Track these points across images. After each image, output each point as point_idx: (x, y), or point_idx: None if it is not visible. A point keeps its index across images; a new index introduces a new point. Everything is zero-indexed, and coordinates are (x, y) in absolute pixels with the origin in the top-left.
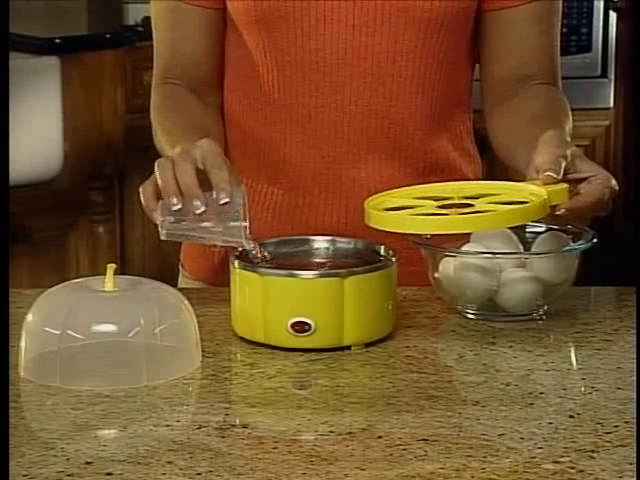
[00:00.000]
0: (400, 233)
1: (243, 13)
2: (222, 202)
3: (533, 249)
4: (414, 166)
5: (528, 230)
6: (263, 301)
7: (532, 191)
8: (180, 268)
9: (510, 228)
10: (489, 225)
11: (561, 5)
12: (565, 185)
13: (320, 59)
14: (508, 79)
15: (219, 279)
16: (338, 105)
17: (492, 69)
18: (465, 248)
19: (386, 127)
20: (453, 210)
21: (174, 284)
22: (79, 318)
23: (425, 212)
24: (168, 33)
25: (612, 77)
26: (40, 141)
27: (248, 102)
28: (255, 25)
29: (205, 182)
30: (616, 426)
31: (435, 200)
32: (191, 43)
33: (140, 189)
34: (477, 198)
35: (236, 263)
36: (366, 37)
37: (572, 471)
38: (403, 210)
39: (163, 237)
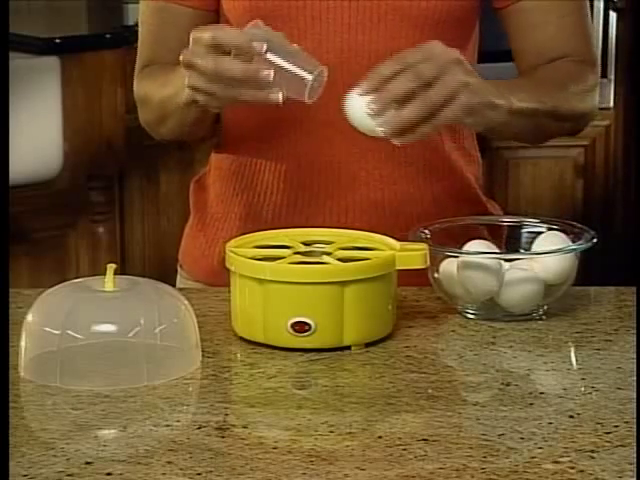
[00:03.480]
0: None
1: (239, 13)
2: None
3: (533, 249)
4: (414, 165)
5: (528, 230)
6: (263, 301)
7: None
8: (178, 269)
9: (507, 228)
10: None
11: None
12: (423, 251)
13: (317, 58)
14: (537, 66)
15: (218, 280)
16: (337, 104)
17: (522, 61)
18: (466, 248)
19: None
20: (298, 257)
21: (174, 284)
22: (79, 318)
23: (277, 256)
24: (154, 29)
25: (612, 77)
26: (40, 141)
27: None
28: None
29: None
30: (616, 426)
31: (305, 244)
32: (176, 42)
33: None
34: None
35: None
36: (362, 36)
37: (572, 471)
38: (265, 249)
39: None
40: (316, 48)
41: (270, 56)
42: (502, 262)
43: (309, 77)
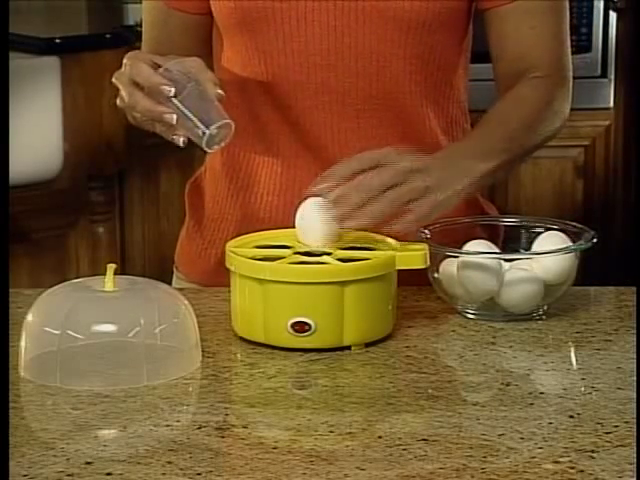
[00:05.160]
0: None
1: (225, 16)
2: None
3: (533, 249)
4: None
5: (528, 230)
6: (263, 301)
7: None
8: (174, 270)
9: (507, 228)
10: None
11: None
12: (423, 251)
13: (303, 60)
14: (508, 74)
15: (214, 281)
16: (325, 106)
17: (496, 66)
18: (466, 248)
19: (376, 127)
20: (298, 257)
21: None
22: (79, 318)
23: (277, 256)
24: (154, 30)
25: (612, 77)
26: (40, 141)
27: (238, 104)
28: (237, 28)
29: None
30: (616, 426)
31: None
32: (174, 45)
33: (133, 109)
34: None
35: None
36: (349, 38)
37: (572, 471)
38: (265, 249)
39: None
40: (302, 50)
41: (176, 101)
42: (502, 262)
43: (205, 130)
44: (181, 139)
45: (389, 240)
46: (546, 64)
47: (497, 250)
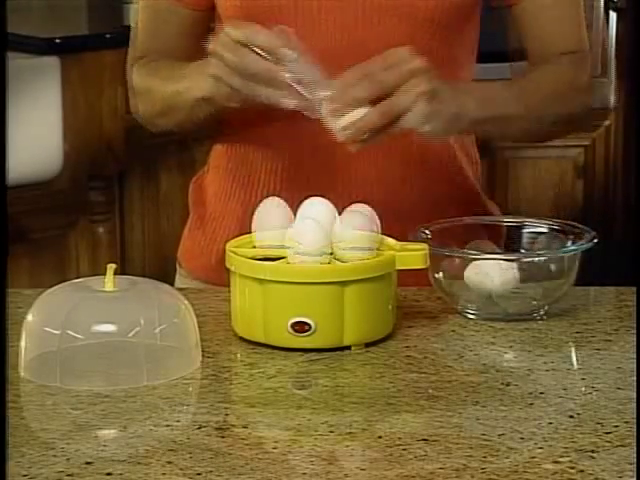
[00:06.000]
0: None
1: (231, 13)
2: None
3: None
4: (412, 165)
5: (528, 230)
6: (263, 301)
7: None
8: (177, 267)
9: (509, 228)
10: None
11: None
12: (423, 251)
13: (311, 57)
14: (539, 59)
15: (216, 278)
16: None
17: (533, 55)
18: (467, 248)
19: None
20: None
21: (174, 284)
22: (79, 318)
23: (277, 256)
24: (148, 23)
25: (612, 77)
26: (40, 141)
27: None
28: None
29: None
30: (616, 426)
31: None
32: (169, 39)
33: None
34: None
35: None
36: (357, 36)
37: (572, 471)
38: (265, 249)
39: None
40: (310, 48)
41: (295, 65)
42: (503, 262)
43: (325, 93)
44: (292, 102)
45: (389, 240)
46: (578, 43)
47: (498, 250)
